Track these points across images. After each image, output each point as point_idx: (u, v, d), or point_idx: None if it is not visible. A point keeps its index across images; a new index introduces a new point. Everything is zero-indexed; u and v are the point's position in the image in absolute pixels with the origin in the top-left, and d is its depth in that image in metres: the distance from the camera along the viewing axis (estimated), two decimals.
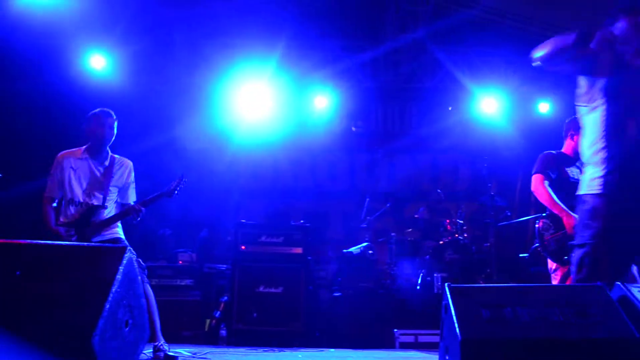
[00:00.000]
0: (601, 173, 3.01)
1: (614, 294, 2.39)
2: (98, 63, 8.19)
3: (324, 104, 9.09)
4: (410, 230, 7.84)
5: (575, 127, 4.78)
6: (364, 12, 9.29)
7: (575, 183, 4.60)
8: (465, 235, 7.25)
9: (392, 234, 7.47)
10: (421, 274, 6.91)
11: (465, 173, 9.92)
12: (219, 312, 6.47)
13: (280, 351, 5.46)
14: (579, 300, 2.24)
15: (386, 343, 6.11)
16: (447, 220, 7.30)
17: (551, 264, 4.76)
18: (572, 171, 4.73)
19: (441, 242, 7.06)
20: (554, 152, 4.88)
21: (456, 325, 2.16)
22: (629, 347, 2.08)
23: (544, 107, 9.52)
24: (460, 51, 9.42)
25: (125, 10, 7.82)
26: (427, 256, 7.03)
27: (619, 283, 2.38)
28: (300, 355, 5.04)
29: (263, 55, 8.64)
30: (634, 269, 4.52)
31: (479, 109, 9.30)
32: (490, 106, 9.23)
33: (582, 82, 3.11)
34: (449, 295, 2.33)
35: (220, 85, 8.73)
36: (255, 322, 6.25)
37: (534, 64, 3.14)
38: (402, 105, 10.06)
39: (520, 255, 7.58)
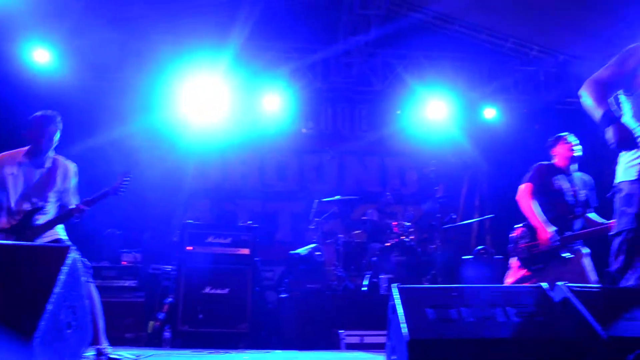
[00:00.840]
0: (632, 161, 3.01)
1: (557, 296, 2.46)
2: (42, 57, 7.95)
3: (274, 104, 9.05)
4: (358, 232, 7.90)
5: (561, 139, 4.90)
6: (317, 14, 9.32)
7: (561, 196, 4.71)
8: (412, 237, 7.35)
9: (340, 235, 7.51)
10: (368, 276, 6.98)
11: (413, 176, 10.06)
12: (163, 314, 6.37)
13: (225, 353, 5.41)
14: (522, 302, 2.30)
15: (332, 344, 6.13)
16: (394, 223, 7.39)
17: (513, 262, 4.84)
18: (561, 184, 4.80)
19: (388, 244, 7.14)
20: (546, 163, 4.94)
21: (403, 325, 2.19)
22: (568, 347, 2.15)
23: (490, 113, 9.74)
24: (410, 56, 9.56)
25: (73, 2, 7.63)
26: (374, 258, 7.10)
27: (560, 284, 2.44)
28: (245, 357, 5.01)
29: (214, 54, 8.57)
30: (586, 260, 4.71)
31: (427, 113, 9.44)
32: (438, 111, 9.38)
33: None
34: (396, 296, 2.35)
35: (169, 83, 8.61)
36: (201, 324, 6.18)
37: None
38: (352, 107, 10.13)
39: (464, 257, 7.73)
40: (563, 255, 4.58)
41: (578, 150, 4.86)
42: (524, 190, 4.78)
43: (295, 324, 6.40)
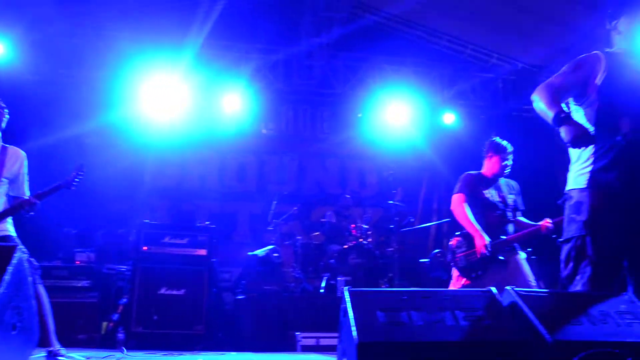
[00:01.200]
0: (588, 169, 3.03)
1: (505, 300, 2.50)
2: None
3: (234, 104, 8.99)
4: (316, 233, 7.91)
5: (494, 149, 5.03)
6: (280, 15, 9.29)
7: (489, 204, 4.87)
8: (370, 240, 7.40)
9: (298, 237, 7.51)
10: (325, 278, 6.99)
11: (373, 179, 10.13)
12: (117, 315, 6.26)
13: (180, 354, 5.35)
14: (471, 305, 2.33)
15: (288, 346, 6.12)
16: (353, 225, 7.42)
17: (454, 272, 4.96)
18: (489, 192, 4.94)
19: (346, 246, 7.16)
20: (474, 172, 5.07)
21: (353, 328, 2.19)
22: (515, 350, 2.18)
23: (449, 118, 9.87)
24: (372, 59, 9.62)
25: None
26: (332, 260, 7.12)
27: (508, 289, 2.49)
28: (200, 359, 4.96)
29: (174, 52, 8.48)
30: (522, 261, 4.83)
31: (388, 117, 9.51)
32: (398, 115, 9.46)
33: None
34: (347, 299, 2.35)
35: (128, 81, 8.49)
36: (156, 325, 6.10)
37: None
38: (314, 109, 10.14)
39: (421, 260, 7.81)
40: (500, 258, 4.72)
41: (508, 167, 5.01)
42: (456, 200, 4.92)
43: (251, 326, 6.36)
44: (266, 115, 9.65)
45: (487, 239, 4.70)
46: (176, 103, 8.67)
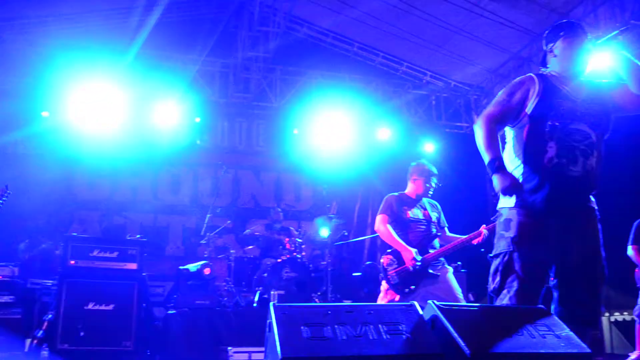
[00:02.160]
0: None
1: (427, 314, 2.56)
2: None
3: (169, 116, 8.88)
4: (250, 247, 7.88)
5: (419, 172, 5.22)
6: (217, 28, 9.26)
7: (413, 223, 5.05)
8: (304, 253, 7.41)
9: (232, 251, 7.45)
10: (258, 291, 6.96)
11: (308, 193, 10.17)
12: (41, 332, 6.03)
13: None
14: (393, 319, 2.37)
15: None
16: (287, 239, 7.42)
17: (383, 286, 5.07)
18: (412, 212, 5.12)
19: (279, 260, 7.15)
20: (396, 194, 5.25)
21: (277, 343, 2.20)
22: None
23: (384, 133, 10.04)
24: (309, 74, 9.71)
25: None
26: (265, 273, 7.09)
27: (430, 303, 2.55)
28: None
29: (108, 61, 8.33)
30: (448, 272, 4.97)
31: (323, 131, 9.59)
32: (334, 129, 9.56)
33: None
34: (272, 314, 2.36)
35: (58, 88, 8.26)
36: (82, 342, 5.88)
37: None
38: (250, 122, 10.12)
39: (354, 274, 7.88)
40: (430, 271, 4.88)
41: (432, 190, 5.22)
42: (379, 221, 5.12)
43: (182, 341, 6.25)
44: (202, 128, 9.54)
45: (413, 251, 4.86)
46: (108, 113, 8.50)
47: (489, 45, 9.15)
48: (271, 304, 2.44)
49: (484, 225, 4.90)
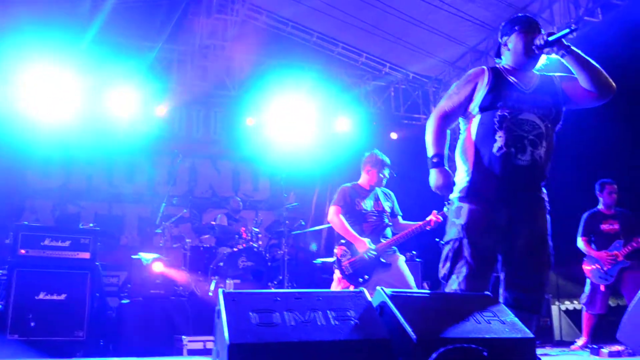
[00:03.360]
0: (466, 178, 3.22)
1: (375, 300, 2.59)
2: None
3: (125, 103, 8.72)
4: (206, 236, 7.83)
5: (372, 163, 5.28)
6: (176, 14, 9.12)
7: (365, 213, 5.12)
8: (260, 242, 7.40)
9: (187, 240, 7.39)
10: (214, 280, 6.92)
11: (265, 183, 10.15)
12: None
13: None
14: (341, 305, 2.39)
15: (174, 350, 6.00)
16: (243, 228, 7.40)
17: (337, 275, 5.12)
18: (365, 203, 5.19)
19: (235, 249, 7.13)
20: (349, 184, 5.31)
21: (225, 329, 2.19)
22: (381, 348, 2.26)
23: (343, 124, 10.07)
24: (267, 63, 9.65)
25: None
26: (221, 262, 7.06)
27: (378, 289, 2.58)
28: None
29: (63, 46, 8.13)
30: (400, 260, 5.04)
31: (283, 120, 9.56)
32: (293, 119, 9.54)
33: None
34: (221, 301, 2.36)
35: (9, 75, 8.03)
36: (33, 332, 5.77)
37: None
38: (207, 111, 10.02)
39: (314, 261, 7.91)
40: (382, 260, 4.97)
41: (385, 180, 5.30)
42: (333, 212, 5.19)
43: (136, 331, 6.18)
44: (158, 115, 9.38)
45: (366, 241, 4.95)
46: (62, 99, 8.29)
47: (447, 37, 9.25)
48: (220, 290, 2.43)
49: (435, 211, 5.01)
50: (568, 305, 9.22)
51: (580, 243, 6.50)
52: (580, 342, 6.38)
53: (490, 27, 8.71)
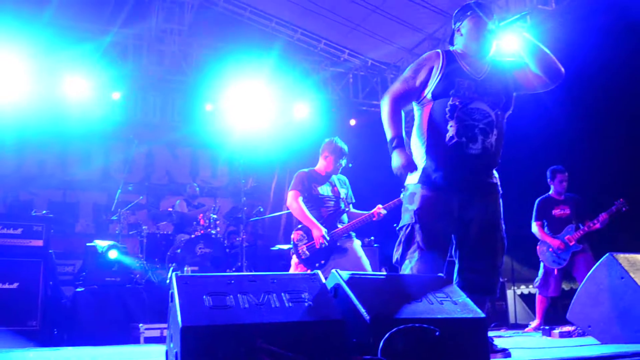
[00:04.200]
0: (420, 165, 3.26)
1: (330, 282, 2.61)
2: None
3: (79, 87, 8.51)
4: (163, 223, 7.75)
5: (330, 150, 5.32)
6: None
7: (322, 199, 5.18)
8: (219, 229, 7.36)
9: (144, 227, 7.31)
10: (171, 268, 6.87)
11: (224, 169, 10.07)
12: None
13: (8, 351, 5.01)
14: (296, 288, 2.40)
15: (131, 338, 5.94)
16: (201, 215, 7.35)
17: (294, 260, 5.15)
18: (322, 188, 5.25)
19: (193, 236, 7.08)
20: (306, 170, 5.37)
21: (178, 312, 2.18)
22: (335, 328, 2.28)
23: (301, 110, 10.05)
24: (226, 48, 9.54)
25: None
26: (179, 249, 7.00)
27: (333, 272, 2.60)
28: (31, 355, 4.68)
29: (12, 28, 7.87)
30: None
31: (240, 107, 9.48)
32: (252, 105, 9.47)
33: None
34: (174, 284, 2.34)
35: None
36: None
37: None
38: (164, 96, 9.87)
39: (271, 248, 7.91)
40: (338, 244, 5.08)
41: (341, 167, 5.37)
42: (291, 196, 5.24)
43: (91, 319, 6.09)
44: (113, 100, 9.19)
45: (323, 230, 5.02)
46: (16, 84, 8.05)
47: (405, 24, 9.29)
48: (173, 273, 2.42)
49: (380, 205, 5.14)
50: (523, 289, 9.44)
51: (535, 228, 6.65)
52: (534, 324, 6.54)
53: (447, 15, 8.76)
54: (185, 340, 2.12)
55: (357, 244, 5.19)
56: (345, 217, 5.25)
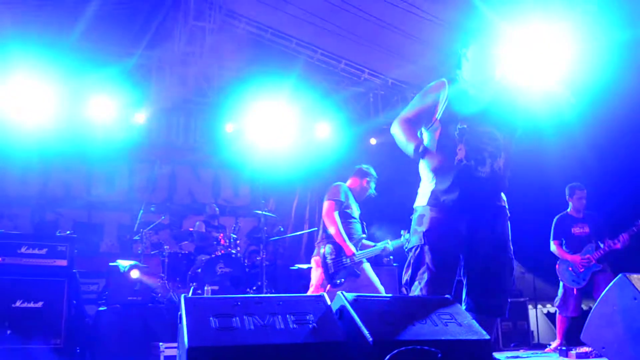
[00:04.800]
0: (429, 187, 3.31)
1: (335, 304, 2.64)
2: None
3: (104, 109, 8.71)
4: (185, 242, 7.85)
5: (371, 177, 5.59)
6: (153, 20, 9.14)
7: (352, 219, 5.37)
8: (239, 249, 7.44)
9: (166, 246, 7.41)
10: (192, 287, 6.95)
11: (246, 189, 10.18)
12: None
13: None
14: (301, 309, 2.44)
15: (151, 356, 6.01)
16: (221, 235, 7.44)
17: (316, 280, 5.23)
18: (354, 209, 5.45)
19: (213, 256, 7.16)
20: (345, 184, 5.56)
21: (185, 333, 2.24)
22: (339, 350, 2.32)
23: (323, 130, 10.14)
24: (246, 69, 9.68)
25: None
26: (199, 269, 7.09)
27: (339, 293, 2.63)
28: None
29: (39, 50, 8.11)
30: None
31: (262, 127, 9.60)
32: (273, 126, 9.58)
33: None
34: (182, 306, 2.40)
35: None
36: (9, 341, 5.77)
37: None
38: (187, 118, 10.04)
39: (291, 267, 7.95)
40: (356, 271, 5.23)
41: (372, 189, 5.56)
42: (328, 207, 5.35)
43: (113, 338, 6.19)
44: (137, 122, 9.38)
45: (354, 249, 5.16)
46: (41, 106, 8.28)
47: (424, 43, 9.34)
48: (182, 295, 2.48)
49: (389, 240, 5.40)
50: (549, 308, 9.31)
51: (553, 247, 6.60)
52: (555, 344, 6.47)
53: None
54: None
55: (367, 266, 5.34)
56: (360, 243, 5.39)
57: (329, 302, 2.55)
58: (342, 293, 2.62)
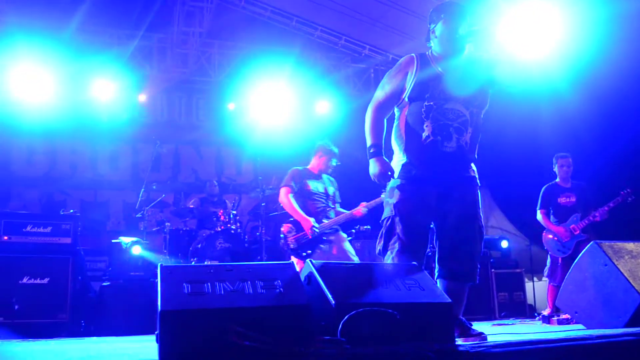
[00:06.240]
0: (400, 162, 3.43)
1: (305, 271, 2.79)
2: None
3: (107, 91, 8.89)
4: (187, 219, 8.03)
5: (323, 151, 5.84)
6: (155, 2, 9.22)
7: (313, 195, 5.64)
8: (238, 224, 7.59)
9: (167, 223, 7.59)
10: (193, 262, 7.13)
11: (248, 166, 10.32)
12: None
13: (34, 341, 5.33)
14: (269, 276, 2.58)
15: (154, 329, 6.19)
16: (221, 211, 7.58)
17: (292, 259, 5.50)
18: (313, 185, 5.73)
19: (213, 231, 7.33)
20: (300, 168, 5.87)
21: (159, 298, 2.39)
22: (302, 312, 2.45)
23: (323, 106, 10.22)
24: (247, 48, 9.77)
25: None
26: (200, 244, 7.27)
27: (308, 261, 2.78)
28: (53, 344, 4.99)
29: (43, 34, 8.26)
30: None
31: (263, 105, 9.70)
32: (273, 103, 9.68)
33: None
34: (159, 273, 2.55)
35: None
36: (17, 315, 5.99)
37: None
38: (189, 97, 10.18)
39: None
40: (324, 238, 5.53)
41: (331, 169, 5.82)
42: (283, 192, 5.74)
43: (116, 312, 6.40)
44: (139, 102, 9.55)
45: (312, 221, 5.47)
46: (45, 88, 8.46)
47: (425, 19, 9.35)
48: (159, 264, 2.63)
49: (363, 203, 5.60)
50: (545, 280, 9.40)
51: (539, 216, 6.69)
52: (546, 312, 6.59)
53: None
54: (163, 323, 2.34)
55: (342, 236, 5.60)
56: (332, 213, 5.67)
57: (297, 269, 2.69)
58: (310, 260, 2.76)
